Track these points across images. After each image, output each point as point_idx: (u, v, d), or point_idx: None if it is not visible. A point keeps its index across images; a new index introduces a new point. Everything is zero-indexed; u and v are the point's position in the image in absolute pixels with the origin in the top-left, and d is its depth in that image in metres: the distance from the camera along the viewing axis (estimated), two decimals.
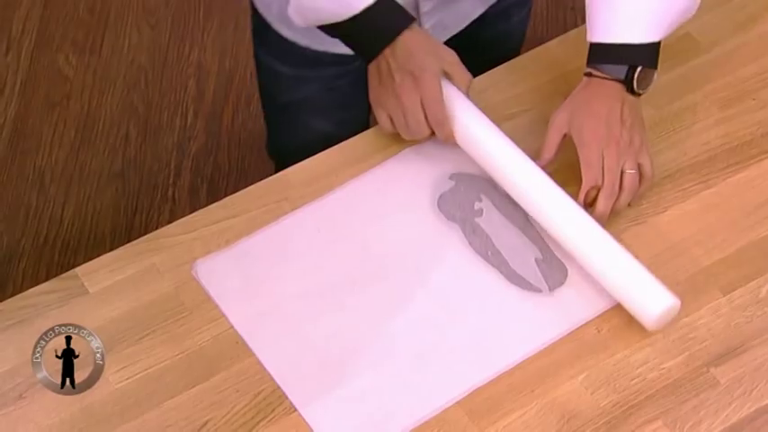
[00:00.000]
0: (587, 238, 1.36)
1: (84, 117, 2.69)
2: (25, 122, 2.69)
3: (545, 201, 1.39)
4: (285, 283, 1.38)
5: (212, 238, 1.41)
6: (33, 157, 2.63)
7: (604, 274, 1.35)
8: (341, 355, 1.33)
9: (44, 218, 2.54)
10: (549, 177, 1.40)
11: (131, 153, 2.62)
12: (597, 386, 1.31)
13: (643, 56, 1.37)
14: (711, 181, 1.47)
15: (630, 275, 1.33)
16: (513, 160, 1.40)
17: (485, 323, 1.36)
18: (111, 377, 1.31)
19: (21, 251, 2.49)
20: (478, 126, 1.42)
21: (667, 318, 1.33)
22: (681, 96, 1.55)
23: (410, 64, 1.39)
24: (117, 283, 1.38)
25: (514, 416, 1.30)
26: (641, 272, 1.33)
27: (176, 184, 2.58)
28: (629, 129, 1.37)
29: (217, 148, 2.63)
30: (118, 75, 2.76)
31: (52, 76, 2.76)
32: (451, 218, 1.42)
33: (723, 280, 1.39)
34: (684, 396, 1.31)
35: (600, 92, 1.38)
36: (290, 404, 1.30)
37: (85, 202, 2.56)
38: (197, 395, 1.30)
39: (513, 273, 1.38)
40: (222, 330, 1.35)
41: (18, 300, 1.36)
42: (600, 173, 1.38)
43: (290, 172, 1.48)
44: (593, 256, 1.36)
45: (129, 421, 1.28)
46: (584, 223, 1.36)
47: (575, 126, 1.39)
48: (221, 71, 2.77)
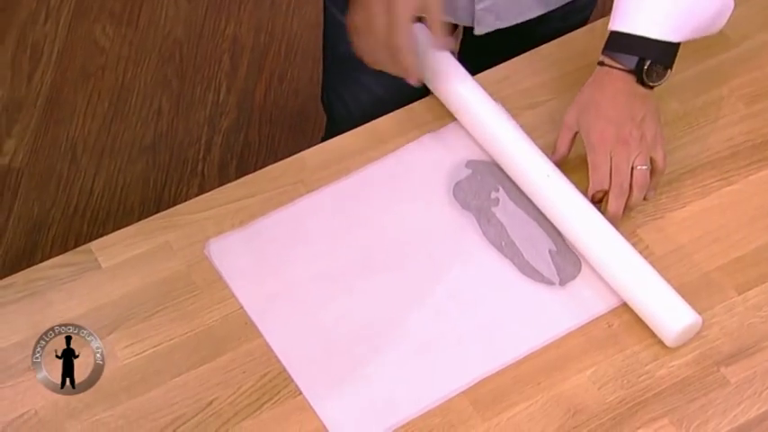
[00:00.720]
0: (607, 252, 1.36)
1: (119, 89, 2.70)
2: (60, 92, 2.70)
3: (560, 205, 1.39)
4: (297, 265, 1.38)
5: (226, 218, 1.41)
6: (67, 126, 2.64)
7: (624, 288, 1.34)
8: (348, 340, 1.32)
9: (75, 188, 2.55)
10: (562, 178, 1.40)
11: (163, 127, 2.63)
12: (605, 381, 1.31)
13: (656, 52, 1.36)
14: (733, 178, 1.46)
15: (651, 291, 1.32)
16: (527, 158, 1.41)
17: (494, 314, 1.35)
18: (120, 353, 1.32)
19: (50, 220, 2.51)
20: (488, 113, 1.41)
21: (689, 334, 1.32)
22: (707, 91, 1.53)
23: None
24: (130, 259, 1.38)
25: (519, 408, 1.29)
26: (663, 287, 1.32)
27: (206, 160, 2.58)
28: (639, 124, 1.36)
29: (248, 125, 2.63)
30: (153, 47, 2.76)
31: (88, 47, 2.76)
32: (466, 206, 1.41)
33: (739, 278, 1.38)
34: (693, 395, 1.30)
35: (610, 85, 1.37)
36: (295, 387, 1.30)
37: (116, 174, 2.56)
38: (203, 374, 1.30)
39: (527, 264, 1.37)
40: (232, 311, 1.35)
41: (31, 272, 1.37)
42: (606, 176, 1.37)
43: (307, 154, 1.47)
44: (615, 274, 1.35)
45: (135, 397, 1.29)
46: (602, 235, 1.36)
47: (583, 127, 1.38)
48: (256, 46, 2.76)
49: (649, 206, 1.43)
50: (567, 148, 1.42)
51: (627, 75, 1.36)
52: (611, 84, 1.37)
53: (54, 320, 1.33)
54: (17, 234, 2.48)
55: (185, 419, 1.28)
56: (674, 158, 1.46)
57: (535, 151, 1.40)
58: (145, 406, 1.28)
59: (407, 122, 1.49)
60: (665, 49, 1.36)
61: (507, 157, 1.42)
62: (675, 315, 1.30)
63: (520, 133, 1.41)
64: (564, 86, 1.52)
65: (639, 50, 1.35)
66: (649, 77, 1.37)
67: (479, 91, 1.44)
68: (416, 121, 1.49)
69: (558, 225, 1.38)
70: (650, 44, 1.35)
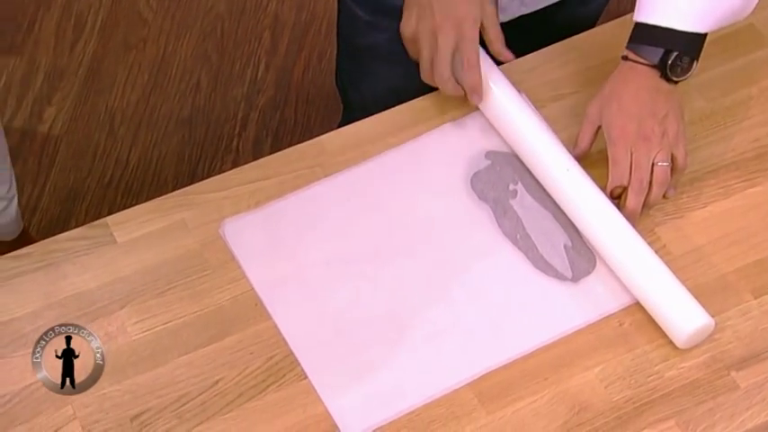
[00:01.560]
0: (623, 249, 1.34)
1: (159, 62, 2.71)
2: (101, 62, 2.71)
3: (578, 200, 1.38)
4: (310, 249, 1.38)
5: (242, 199, 1.41)
6: (106, 97, 2.65)
7: (638, 286, 1.33)
8: (357, 327, 1.32)
9: (111, 159, 2.57)
10: (582, 173, 1.39)
11: (200, 101, 2.64)
12: (612, 380, 1.30)
13: (681, 43, 1.33)
14: (757, 179, 1.44)
15: (665, 291, 1.31)
16: (548, 151, 1.40)
17: (505, 307, 1.34)
18: (130, 328, 1.32)
19: (85, 190, 2.52)
20: (511, 104, 1.40)
21: (700, 336, 1.30)
22: (736, 90, 1.52)
23: (453, 7, 1.40)
24: (145, 235, 1.39)
25: (524, 402, 1.28)
26: (676, 287, 1.31)
27: (241, 136, 2.59)
28: (661, 121, 1.34)
29: (284, 103, 2.63)
30: (195, 21, 2.77)
31: (132, 18, 2.78)
32: (483, 197, 1.41)
33: (756, 282, 1.36)
34: (701, 397, 1.29)
35: (633, 80, 1.36)
36: (301, 371, 1.30)
37: (152, 147, 2.58)
38: (211, 354, 1.31)
39: (540, 258, 1.37)
40: (242, 291, 1.35)
41: (48, 243, 1.38)
42: (626, 171, 1.35)
43: (326, 138, 1.47)
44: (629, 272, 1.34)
45: (142, 373, 1.30)
46: (618, 233, 1.35)
47: (604, 122, 1.37)
48: (297, 24, 2.76)
49: (669, 204, 1.42)
50: (589, 142, 1.40)
51: (651, 70, 1.35)
52: (634, 79, 1.35)
53: (67, 292, 1.34)
54: (52, 202, 2.50)
55: (190, 398, 1.28)
56: (697, 157, 1.45)
57: (556, 144, 1.39)
58: (151, 382, 1.29)
59: (428, 110, 1.49)
60: (691, 40, 1.35)
61: (527, 149, 1.41)
62: (688, 316, 1.29)
63: (542, 125, 1.41)
64: (590, 79, 1.51)
65: (664, 42, 1.34)
66: (674, 72, 1.35)
67: (503, 81, 1.43)
68: (437, 109, 1.48)
69: (575, 220, 1.37)
70: (675, 35, 1.33)
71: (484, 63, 1.44)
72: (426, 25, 1.41)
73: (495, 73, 1.44)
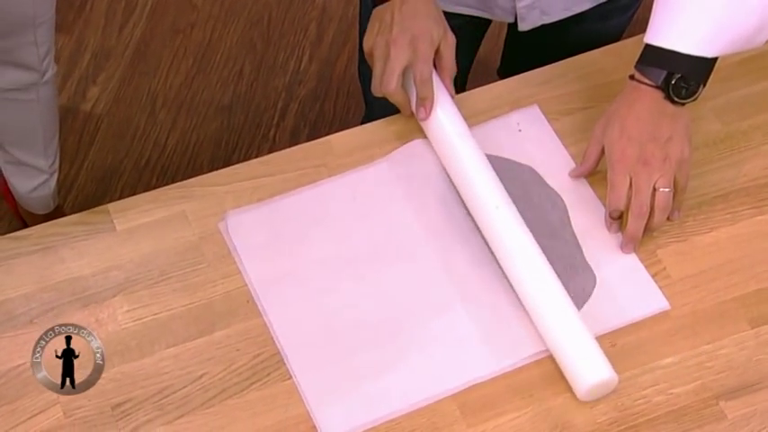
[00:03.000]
0: (536, 294, 1.31)
1: (204, 47, 2.72)
2: (148, 46, 2.73)
3: (501, 239, 1.35)
4: (308, 248, 1.37)
5: (245, 194, 1.41)
6: (150, 80, 2.67)
7: (547, 332, 1.30)
8: (348, 329, 1.32)
9: (149, 141, 2.58)
10: (511, 213, 1.36)
11: (242, 89, 2.64)
12: (599, 401, 1.29)
13: (685, 66, 1.30)
14: (766, 207, 1.42)
15: (572, 341, 1.28)
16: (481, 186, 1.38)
17: (498, 319, 1.33)
18: (121, 317, 1.33)
19: (122, 170, 2.54)
20: (452, 132, 1.41)
21: (603, 390, 1.28)
22: (753, 115, 1.49)
23: (413, 23, 1.40)
24: (144, 224, 1.39)
25: (507, 417, 1.28)
26: (584, 339, 1.28)
27: (279, 126, 2.59)
28: (663, 145, 1.32)
29: (325, 95, 2.63)
30: (243, 9, 2.77)
31: (181, 3, 2.79)
32: None
33: (755, 312, 1.34)
34: (687, 425, 1.27)
35: (638, 101, 1.33)
36: (285, 371, 1.30)
37: (190, 131, 2.59)
38: (198, 348, 1.31)
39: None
40: (236, 287, 1.35)
41: (48, 227, 1.39)
42: (623, 196, 1.34)
43: (333, 138, 1.47)
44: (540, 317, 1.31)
45: (127, 362, 1.30)
46: (534, 278, 1.32)
47: (606, 144, 1.35)
48: (344, 18, 2.76)
49: (674, 227, 1.40)
50: (594, 161, 1.39)
51: (655, 91, 1.33)
52: (638, 100, 1.33)
53: (62, 277, 1.35)
54: (89, 180, 2.52)
55: (172, 390, 1.28)
56: (707, 181, 1.43)
57: (491, 180, 1.37)
58: (135, 372, 1.30)
59: None
60: (697, 63, 1.31)
61: (462, 181, 1.40)
62: (590, 369, 1.26)
63: (480, 159, 1.39)
64: (605, 95, 1.49)
65: (668, 65, 1.31)
66: (677, 94, 1.32)
67: (450, 108, 1.42)
68: None
69: (498, 258, 1.35)
70: (679, 58, 1.30)
71: (437, 84, 1.42)
72: (383, 39, 1.41)
73: (444, 98, 1.43)
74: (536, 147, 1.47)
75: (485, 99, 1.50)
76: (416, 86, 1.40)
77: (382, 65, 1.40)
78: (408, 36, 1.39)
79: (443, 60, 1.42)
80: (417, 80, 1.39)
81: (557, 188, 1.43)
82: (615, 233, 1.38)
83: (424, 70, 1.39)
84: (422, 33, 1.40)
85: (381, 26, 1.41)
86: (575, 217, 1.41)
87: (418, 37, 1.39)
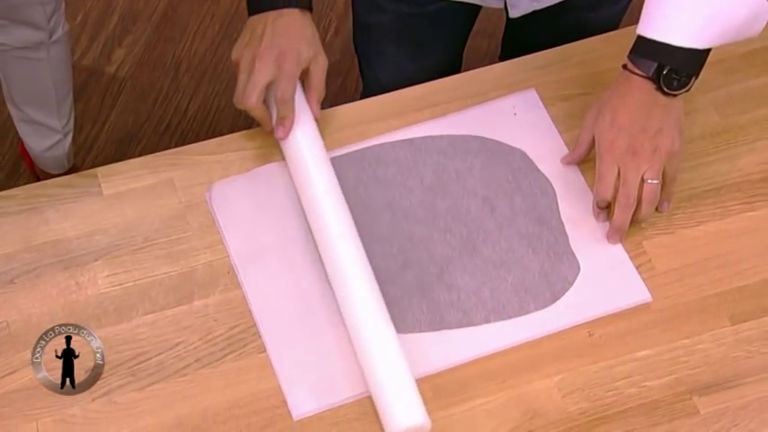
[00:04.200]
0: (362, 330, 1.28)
1: (231, 14, 2.72)
2: (176, 10, 2.73)
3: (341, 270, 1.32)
4: (291, 222, 1.38)
5: (233, 164, 1.42)
6: (175, 45, 2.68)
7: (368, 372, 1.27)
8: (324, 307, 1.32)
9: (170, 106, 2.59)
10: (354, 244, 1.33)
11: None
12: (571, 390, 1.28)
13: (676, 58, 1.29)
14: (757, 203, 1.40)
15: (390, 381, 1.24)
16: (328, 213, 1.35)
17: (475, 306, 1.32)
18: (101, 281, 1.34)
19: (142, 133, 2.55)
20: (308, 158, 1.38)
21: None
22: (753, 109, 1.47)
23: (283, 40, 1.37)
24: (132, 190, 1.40)
25: (478, 402, 1.27)
26: (403, 382, 1.24)
27: None
28: (653, 136, 1.30)
29: (347, 70, 2.62)
30: None
31: None
32: (473, 193, 1.39)
33: (736, 308, 1.33)
34: (657, 419, 1.26)
35: (629, 92, 1.32)
36: (261, 344, 1.30)
37: (212, 98, 2.59)
38: (176, 316, 1.32)
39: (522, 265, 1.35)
40: (218, 257, 1.35)
41: (35, 187, 1.40)
42: (609, 187, 1.33)
43: (325, 114, 1.46)
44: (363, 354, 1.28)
45: (104, 327, 1.31)
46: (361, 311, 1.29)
47: (596, 134, 1.34)
48: None
49: (662, 220, 1.39)
50: (586, 148, 1.38)
51: (646, 81, 1.31)
52: (630, 90, 1.32)
53: (45, 238, 1.36)
54: (109, 142, 2.54)
55: (147, 357, 1.29)
56: (700, 174, 1.42)
57: (339, 208, 1.35)
58: (111, 337, 1.30)
59: (430, 97, 1.47)
60: (688, 56, 1.30)
61: (311, 206, 1.37)
62: (405, 411, 1.23)
63: (332, 185, 1.36)
64: (602, 82, 1.47)
65: (659, 56, 1.30)
66: (669, 85, 1.31)
67: (309, 129, 1.40)
68: (443, 96, 1.47)
69: (334, 287, 1.32)
70: (670, 50, 1.29)
71: (300, 105, 1.41)
72: (250, 52, 1.38)
73: (306, 119, 1.41)
74: (530, 131, 1.46)
75: (482, 81, 1.49)
76: (276, 105, 1.38)
77: (245, 78, 1.38)
78: (275, 52, 1.36)
79: (312, 81, 1.40)
80: (278, 98, 1.37)
81: (548, 174, 1.43)
82: (603, 222, 1.37)
83: (287, 89, 1.37)
84: (289, 51, 1.37)
85: (252, 38, 1.39)
86: (564, 204, 1.40)
87: (285, 54, 1.37)
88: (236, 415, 1.26)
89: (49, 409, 1.26)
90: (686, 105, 1.43)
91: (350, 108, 1.47)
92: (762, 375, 1.28)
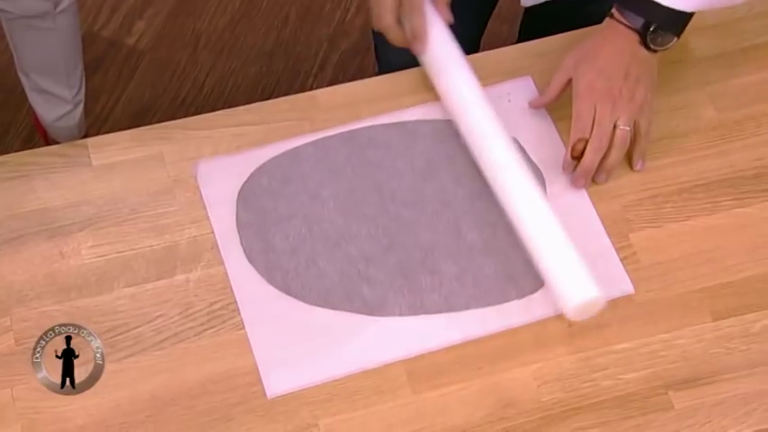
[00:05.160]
0: (526, 207, 1.32)
1: None
2: None
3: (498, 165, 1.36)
4: (277, 201, 1.37)
5: (224, 141, 1.42)
6: (195, 19, 2.68)
7: (536, 248, 1.30)
8: (305, 287, 1.32)
9: (187, 80, 2.59)
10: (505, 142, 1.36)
11: (285, 36, 2.64)
12: (546, 380, 1.27)
13: (662, 17, 1.33)
14: (747, 200, 1.39)
15: (561, 256, 1.28)
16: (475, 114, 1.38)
17: (456, 291, 1.32)
18: (85, 251, 1.34)
19: (157, 107, 2.56)
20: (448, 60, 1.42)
21: (589, 311, 1.27)
22: (750, 104, 1.46)
23: None
24: (121, 162, 1.40)
25: (453, 388, 1.27)
26: (572, 255, 1.28)
27: (317, 77, 2.59)
28: (632, 84, 1.34)
29: (366, 50, 2.62)
30: None
31: None
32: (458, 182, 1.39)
33: (719, 305, 1.32)
34: (631, 412, 1.26)
35: (612, 40, 1.36)
36: (239, 321, 1.30)
37: (229, 74, 2.60)
38: (156, 289, 1.32)
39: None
40: (202, 233, 1.36)
41: (25, 155, 1.41)
42: (588, 125, 1.35)
43: (320, 93, 1.46)
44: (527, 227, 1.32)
45: (84, 297, 1.32)
46: (525, 191, 1.33)
47: (576, 75, 1.36)
48: None
49: (650, 212, 1.38)
50: (557, 91, 1.41)
51: (632, 33, 1.35)
52: (614, 39, 1.36)
53: (32, 207, 1.37)
54: (124, 115, 2.55)
55: (125, 329, 1.30)
56: (692, 168, 1.41)
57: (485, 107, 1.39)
58: (91, 307, 1.31)
59: (424, 81, 1.46)
60: (673, 16, 1.34)
61: (457, 108, 1.41)
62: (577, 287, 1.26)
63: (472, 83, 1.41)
64: None
65: (646, 13, 1.34)
66: (654, 41, 1.35)
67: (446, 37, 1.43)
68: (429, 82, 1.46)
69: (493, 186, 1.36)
70: (657, 9, 1.32)
71: (431, 15, 1.43)
72: None
73: (439, 27, 1.43)
74: (523, 118, 1.45)
75: (480, 66, 1.48)
76: (407, 17, 1.40)
77: (375, 2, 1.40)
78: None
79: None
80: (407, 10, 1.39)
81: (538, 162, 1.42)
82: (569, 174, 1.37)
83: (415, 1, 1.39)
84: None
85: None
86: (552, 193, 1.39)
87: None
88: (211, 391, 1.26)
89: (23, 376, 1.26)
90: (682, 98, 1.43)
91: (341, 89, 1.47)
92: (739, 373, 1.27)
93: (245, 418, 1.25)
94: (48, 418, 1.24)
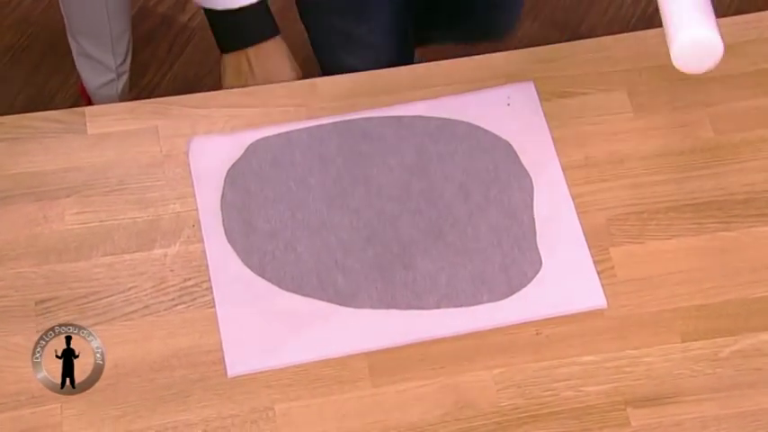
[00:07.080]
0: None
1: None
2: None
3: None
4: (264, 184, 1.38)
5: (219, 120, 1.43)
6: None
7: None
8: (280, 273, 1.33)
9: None
10: None
11: None
12: (507, 386, 1.27)
13: None
14: (734, 224, 1.37)
15: None
16: None
17: (429, 290, 1.32)
18: (68, 218, 1.36)
19: (201, 86, 2.57)
20: None
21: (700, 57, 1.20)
22: (750, 129, 1.44)
23: (268, 67, 1.45)
24: (116, 132, 1.42)
25: (412, 384, 1.27)
26: None
27: None
28: None
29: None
30: None
31: None
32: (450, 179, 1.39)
33: (690, 326, 1.31)
34: (588, 425, 1.25)
35: None
36: (211, 300, 1.31)
37: None
38: (133, 261, 1.34)
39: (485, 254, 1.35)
40: (186, 210, 1.37)
41: (21, 118, 1.43)
42: None
43: (320, 81, 1.47)
44: None
45: (62, 262, 1.34)
46: None
47: None
48: None
49: (635, 228, 1.37)
50: None
51: None
52: None
53: (21, 169, 1.39)
54: (168, 91, 2.57)
55: (98, 297, 1.32)
56: (684, 188, 1.40)
57: None
58: (67, 272, 1.33)
59: (432, 77, 1.47)
60: None
61: None
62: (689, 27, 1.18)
63: None
64: (606, 84, 1.46)
65: None
66: None
67: None
68: (441, 78, 1.48)
69: None
70: None
71: None
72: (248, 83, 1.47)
73: None
74: (520, 123, 1.45)
75: (483, 68, 1.48)
76: None
77: None
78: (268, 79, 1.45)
79: None
80: None
81: (529, 169, 1.42)
82: None
83: None
84: (280, 75, 1.47)
85: (239, 75, 1.47)
86: (539, 200, 1.39)
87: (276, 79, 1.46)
88: (173, 365, 1.27)
89: None
90: (682, 117, 1.42)
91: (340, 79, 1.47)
92: (701, 396, 1.26)
93: (204, 395, 1.26)
94: None
